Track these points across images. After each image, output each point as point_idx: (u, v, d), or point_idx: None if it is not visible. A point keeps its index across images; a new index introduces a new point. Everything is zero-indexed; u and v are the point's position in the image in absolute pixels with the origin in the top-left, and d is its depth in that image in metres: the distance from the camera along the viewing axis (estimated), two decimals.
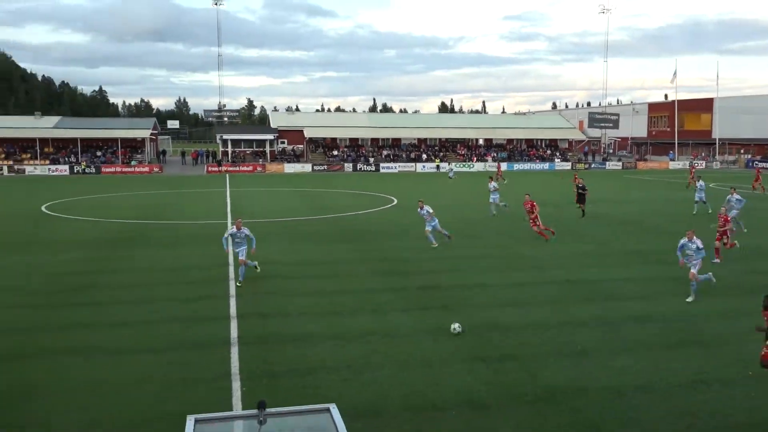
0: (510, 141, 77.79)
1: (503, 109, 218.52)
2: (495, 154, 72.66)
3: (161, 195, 41.01)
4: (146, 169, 64.73)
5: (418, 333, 12.44)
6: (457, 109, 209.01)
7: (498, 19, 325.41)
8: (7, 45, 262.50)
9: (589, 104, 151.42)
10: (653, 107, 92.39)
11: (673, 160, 74.05)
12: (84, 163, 63.62)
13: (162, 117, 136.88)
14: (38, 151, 65.94)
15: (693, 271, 14.60)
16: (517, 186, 42.48)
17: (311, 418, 4.71)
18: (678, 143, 78.36)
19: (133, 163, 66.29)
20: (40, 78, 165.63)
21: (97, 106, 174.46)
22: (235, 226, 16.21)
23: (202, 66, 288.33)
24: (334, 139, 74.59)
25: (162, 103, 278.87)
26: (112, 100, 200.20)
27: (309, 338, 12.14)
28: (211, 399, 9.44)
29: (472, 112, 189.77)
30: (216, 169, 64.20)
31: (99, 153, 67.82)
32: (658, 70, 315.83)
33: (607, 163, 72.77)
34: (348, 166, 67.02)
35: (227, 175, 60.33)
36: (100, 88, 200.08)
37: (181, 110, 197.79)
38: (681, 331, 12.56)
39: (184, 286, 16.08)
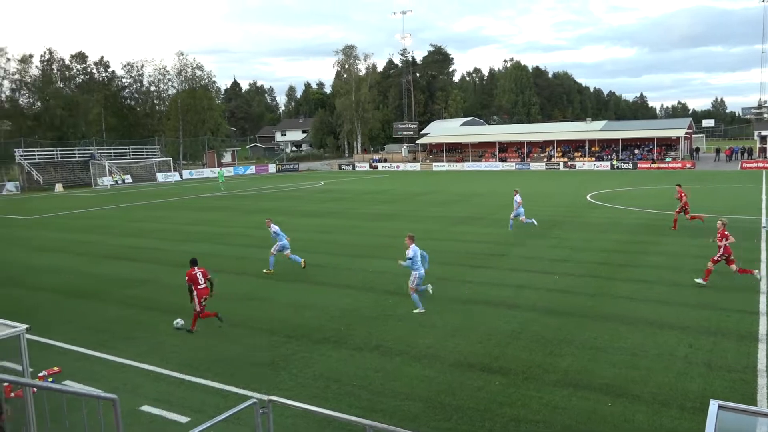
0: None
1: None
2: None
3: (693, 190, 38.54)
4: (678, 165, 61.68)
5: None
6: None
7: None
8: (567, 65, 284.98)
9: None
10: None
11: None
12: (618, 160, 64.67)
13: (697, 117, 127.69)
14: (587, 149, 70.07)
15: None
16: None
17: None
18: None
19: (667, 159, 64.02)
20: (591, 89, 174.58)
21: (637, 109, 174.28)
22: None
23: (742, 64, 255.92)
24: None
25: (698, 103, 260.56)
26: (650, 104, 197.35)
27: None
28: (732, 389, 8.71)
29: None
30: (751, 165, 56.46)
31: (636, 151, 67.85)
32: None
33: None
34: None
35: (765, 171, 52.46)
36: (641, 94, 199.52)
37: (717, 109, 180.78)
38: None
39: (714, 276, 14.87)
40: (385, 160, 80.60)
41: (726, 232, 14.22)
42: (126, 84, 79.95)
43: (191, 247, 21.43)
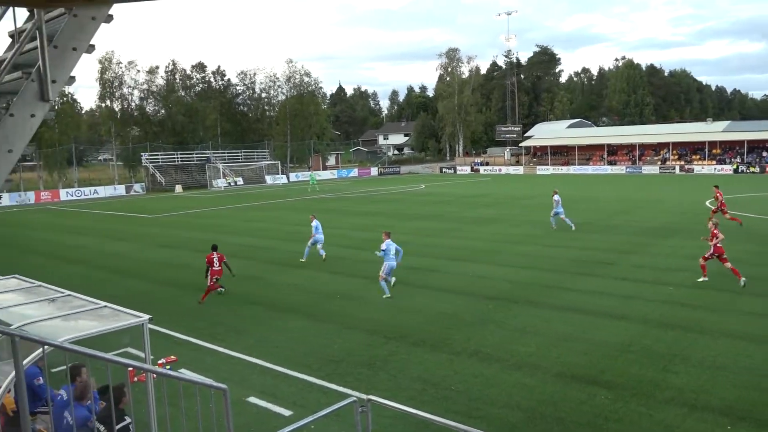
0: None
1: None
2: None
3: None
4: None
5: None
6: None
7: None
8: (686, 62, 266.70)
9: None
10: None
11: None
12: (743, 163, 59.47)
13: None
14: (706, 152, 65.18)
15: None
16: None
17: None
18: None
19: None
20: (713, 87, 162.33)
21: (767, 109, 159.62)
22: None
23: None
24: None
25: None
26: None
27: None
28: None
29: None
30: None
31: (765, 153, 62.16)
32: None
33: None
34: None
35: None
36: None
37: None
38: None
39: None
40: (487, 164, 79.51)
41: (716, 231, 14.81)
42: (240, 91, 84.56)
43: (295, 246, 22.22)
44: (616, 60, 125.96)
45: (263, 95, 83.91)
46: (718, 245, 14.57)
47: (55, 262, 21.49)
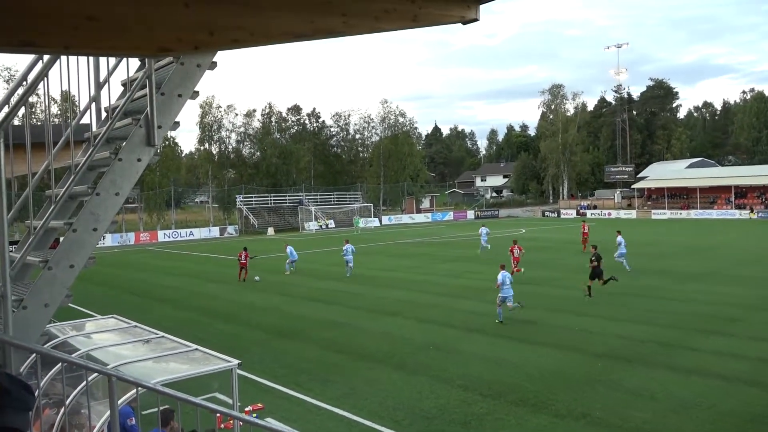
0: None
1: None
2: None
3: None
4: None
5: None
6: None
7: None
8: None
9: None
10: None
11: None
12: None
13: None
14: None
15: None
16: None
17: None
18: None
19: None
20: None
21: None
22: None
23: None
24: None
25: None
26: None
27: None
28: None
29: None
30: None
31: None
32: None
33: None
34: None
35: None
36: None
37: None
38: None
39: None
40: (595, 207, 76.87)
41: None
42: (333, 133, 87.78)
43: (386, 292, 22.38)
44: (744, 93, 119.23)
45: (357, 136, 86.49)
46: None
47: (150, 302, 22.88)
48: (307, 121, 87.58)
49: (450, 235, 51.27)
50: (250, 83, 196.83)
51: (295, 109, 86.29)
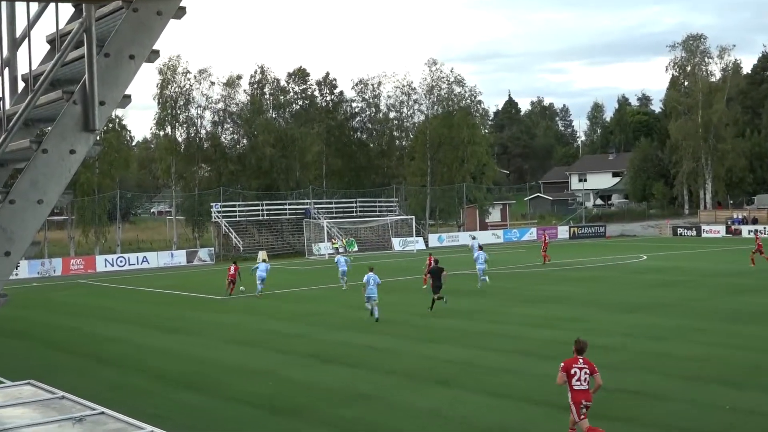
0: None
1: None
2: None
3: None
4: None
5: None
6: None
7: None
8: None
9: None
10: None
11: None
12: None
13: None
14: None
15: None
16: None
17: None
18: None
19: None
20: None
21: None
22: None
23: None
24: None
25: None
26: None
27: None
28: None
29: None
30: None
31: None
32: None
33: None
34: None
35: None
36: None
37: None
38: None
39: None
40: (756, 221, 75.63)
41: None
42: (356, 110, 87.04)
43: (432, 349, 22.31)
44: None
45: (391, 115, 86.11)
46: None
47: (84, 362, 23.20)
48: (317, 93, 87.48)
49: (530, 263, 50.88)
50: (233, 38, 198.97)
51: (300, 75, 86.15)
